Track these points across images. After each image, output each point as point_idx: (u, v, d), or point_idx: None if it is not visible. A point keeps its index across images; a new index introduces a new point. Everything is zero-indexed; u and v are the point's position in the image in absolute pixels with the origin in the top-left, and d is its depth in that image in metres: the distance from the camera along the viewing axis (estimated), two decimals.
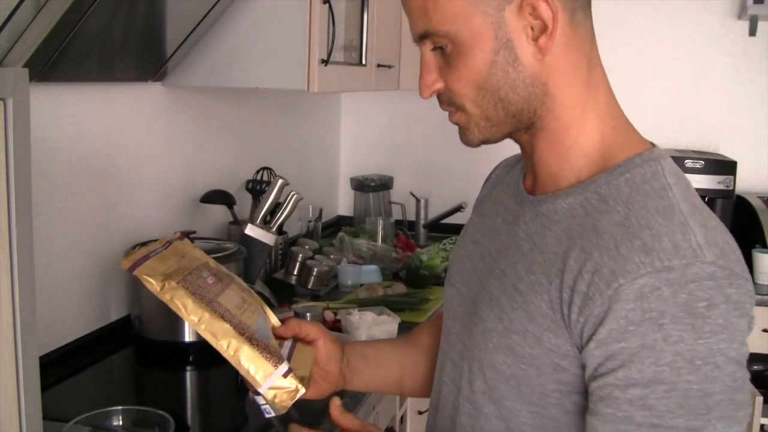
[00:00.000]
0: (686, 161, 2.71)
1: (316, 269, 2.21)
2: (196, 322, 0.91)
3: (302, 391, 0.91)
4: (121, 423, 1.30)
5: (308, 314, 1.88)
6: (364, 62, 2.29)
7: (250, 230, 1.98)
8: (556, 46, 0.82)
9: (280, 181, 1.99)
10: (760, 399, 2.20)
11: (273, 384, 0.90)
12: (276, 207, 2.02)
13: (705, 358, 0.73)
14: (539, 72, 0.83)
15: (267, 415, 0.93)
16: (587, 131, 0.86)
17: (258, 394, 0.91)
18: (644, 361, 0.74)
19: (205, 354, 1.76)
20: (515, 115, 0.85)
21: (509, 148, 0.99)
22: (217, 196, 2.17)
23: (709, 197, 2.76)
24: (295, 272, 2.23)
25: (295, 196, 2.04)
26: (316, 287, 2.22)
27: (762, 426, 2.26)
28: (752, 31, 2.85)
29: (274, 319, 1.03)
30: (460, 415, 0.93)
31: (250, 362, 0.90)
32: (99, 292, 1.79)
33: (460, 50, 0.83)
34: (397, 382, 1.15)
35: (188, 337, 1.72)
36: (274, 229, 2.01)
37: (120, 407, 1.32)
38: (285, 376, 0.90)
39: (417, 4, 0.83)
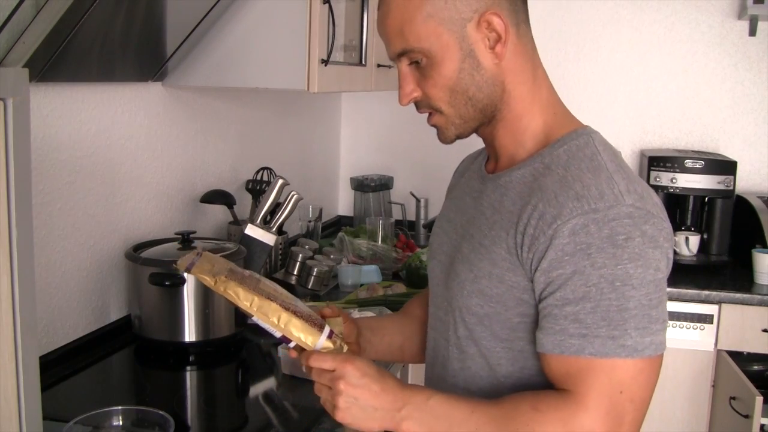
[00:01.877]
0: (686, 161, 2.71)
1: (316, 269, 2.21)
2: (249, 306, 1.04)
3: (345, 348, 1.08)
4: (121, 423, 1.30)
5: None
6: (364, 62, 2.29)
7: (250, 230, 1.98)
8: (508, 52, 1.02)
9: (280, 181, 1.99)
10: (760, 399, 2.21)
11: (322, 345, 1.05)
12: (276, 207, 2.02)
13: (623, 280, 0.92)
14: (497, 73, 1.03)
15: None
16: (535, 118, 1.06)
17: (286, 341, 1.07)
18: (576, 283, 0.93)
19: (205, 354, 1.76)
20: (482, 110, 1.05)
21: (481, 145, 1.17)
22: (217, 196, 2.17)
23: (709, 197, 2.76)
24: (295, 272, 2.23)
25: (295, 196, 2.04)
26: (316, 287, 2.22)
27: (762, 426, 2.26)
28: (752, 31, 2.85)
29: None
30: (450, 360, 1.12)
31: (299, 331, 1.05)
32: (99, 292, 1.79)
33: (433, 62, 1.02)
34: (400, 349, 1.31)
35: (188, 337, 1.72)
36: (274, 229, 2.01)
37: (120, 407, 1.32)
38: (329, 337, 1.06)
39: (393, 28, 1.04)
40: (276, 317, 1.05)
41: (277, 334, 1.06)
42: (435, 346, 1.18)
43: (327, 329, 1.07)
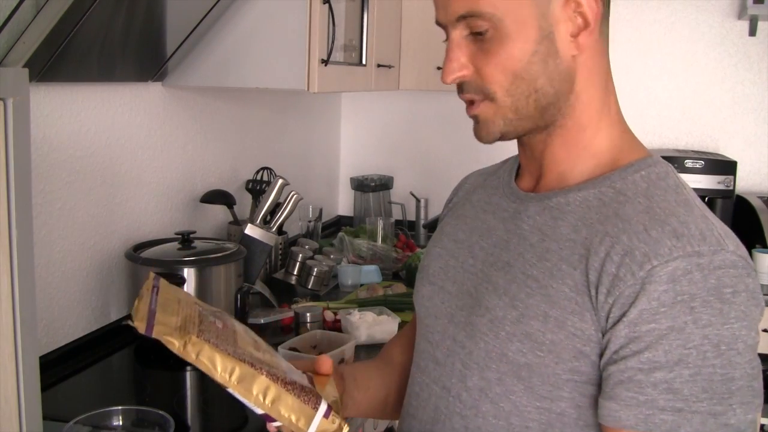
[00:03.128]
0: (686, 161, 2.71)
1: (316, 269, 2.21)
2: (228, 379, 0.82)
3: (346, 429, 0.86)
4: (121, 423, 1.30)
5: (308, 314, 1.88)
6: (364, 62, 2.29)
7: (250, 230, 1.98)
8: (589, 46, 0.84)
9: (280, 181, 1.99)
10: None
11: (316, 428, 0.84)
12: (276, 207, 2.02)
13: (729, 343, 0.74)
14: (572, 68, 0.85)
15: None
16: (600, 134, 0.88)
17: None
18: (672, 343, 0.74)
19: None
20: (544, 109, 0.86)
21: (509, 151, 0.99)
22: (217, 196, 2.17)
23: (709, 197, 2.75)
24: (295, 272, 2.23)
25: (295, 196, 2.04)
26: (316, 287, 2.22)
27: (762, 426, 2.26)
28: (752, 31, 2.85)
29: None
30: (452, 417, 0.90)
31: (290, 410, 0.83)
32: (99, 292, 1.79)
33: (502, 35, 0.82)
34: (383, 403, 1.11)
35: None
36: (274, 229, 2.01)
37: (120, 407, 1.31)
38: (326, 416, 0.84)
39: None
40: (262, 393, 0.83)
41: (259, 411, 0.85)
42: (427, 396, 0.95)
43: (324, 405, 0.85)
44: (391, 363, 1.13)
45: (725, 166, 2.72)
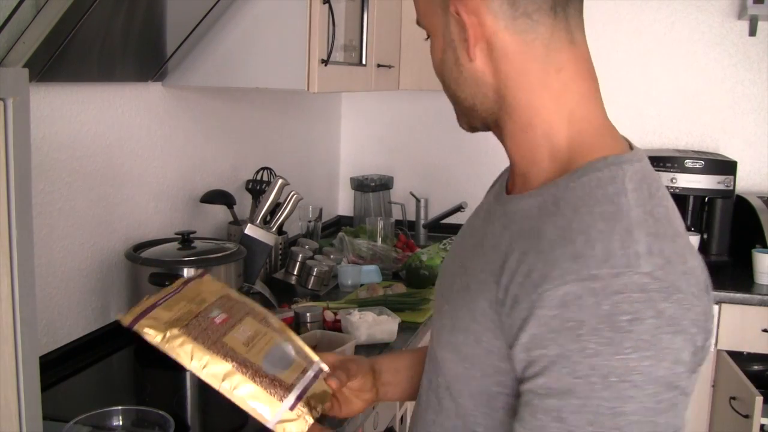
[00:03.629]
0: (686, 161, 2.71)
1: (316, 269, 2.21)
2: (198, 368, 0.90)
3: (310, 420, 0.91)
4: (121, 423, 1.30)
5: (308, 314, 1.88)
6: (364, 62, 2.29)
7: (250, 230, 1.98)
8: (496, 52, 0.82)
9: (280, 181, 1.99)
10: (760, 399, 2.21)
11: (281, 417, 0.89)
12: (276, 207, 2.02)
13: (621, 375, 0.69)
14: (481, 74, 0.84)
15: None
16: (556, 133, 0.83)
17: None
18: (561, 371, 0.71)
19: None
20: (471, 110, 0.87)
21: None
22: (217, 196, 2.17)
23: (709, 197, 2.76)
24: (295, 272, 2.23)
25: (295, 196, 2.04)
26: (316, 287, 2.22)
27: (762, 426, 2.26)
28: (752, 31, 2.85)
29: (306, 348, 1.04)
30: (427, 409, 0.93)
31: (255, 399, 0.89)
32: (99, 291, 1.79)
33: (431, 42, 0.88)
34: (412, 386, 1.13)
35: None
36: (274, 229, 2.01)
37: (120, 407, 1.32)
38: (291, 408, 0.90)
39: None
40: (229, 382, 0.90)
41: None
42: (420, 387, 0.99)
43: (291, 398, 0.91)
44: (422, 349, 1.15)
45: (725, 166, 2.72)
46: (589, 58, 0.86)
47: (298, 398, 0.91)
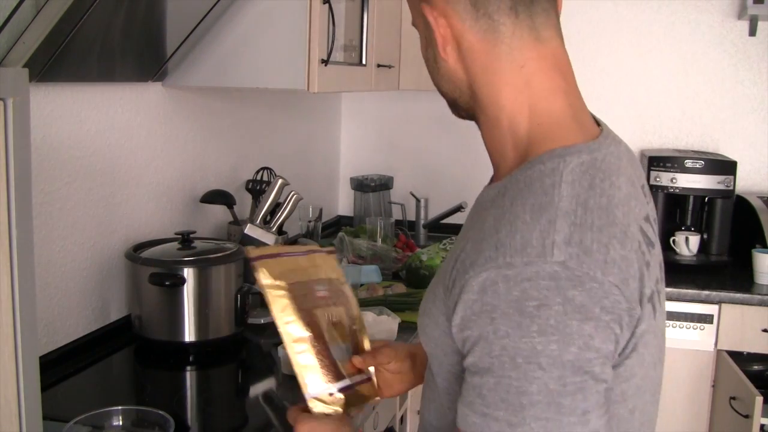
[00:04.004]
0: (686, 161, 2.71)
1: None
2: (281, 320, 0.98)
3: (339, 411, 0.99)
4: (121, 423, 1.30)
5: None
6: (364, 62, 2.29)
7: (250, 230, 1.98)
8: (464, 51, 0.88)
9: (280, 181, 1.99)
10: (760, 399, 2.21)
11: (319, 395, 0.98)
12: (276, 207, 2.02)
13: (528, 357, 0.74)
14: (454, 71, 0.90)
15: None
16: (514, 128, 0.87)
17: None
18: (482, 350, 0.77)
19: (205, 354, 1.76)
20: (454, 103, 0.94)
21: None
22: (217, 196, 2.17)
23: (709, 197, 2.76)
24: None
25: (295, 196, 2.04)
26: None
27: (762, 426, 2.26)
28: (752, 31, 2.85)
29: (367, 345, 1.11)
30: (426, 386, 1.01)
31: (309, 370, 0.98)
32: (99, 292, 1.79)
33: (419, 41, 0.94)
34: None
35: (188, 337, 1.72)
36: (274, 229, 2.01)
37: (120, 407, 1.32)
38: (331, 393, 0.98)
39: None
40: (298, 344, 0.99)
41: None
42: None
43: (335, 386, 1.00)
44: None
45: (725, 166, 2.72)
46: (561, 54, 0.90)
47: (342, 389, 0.99)
